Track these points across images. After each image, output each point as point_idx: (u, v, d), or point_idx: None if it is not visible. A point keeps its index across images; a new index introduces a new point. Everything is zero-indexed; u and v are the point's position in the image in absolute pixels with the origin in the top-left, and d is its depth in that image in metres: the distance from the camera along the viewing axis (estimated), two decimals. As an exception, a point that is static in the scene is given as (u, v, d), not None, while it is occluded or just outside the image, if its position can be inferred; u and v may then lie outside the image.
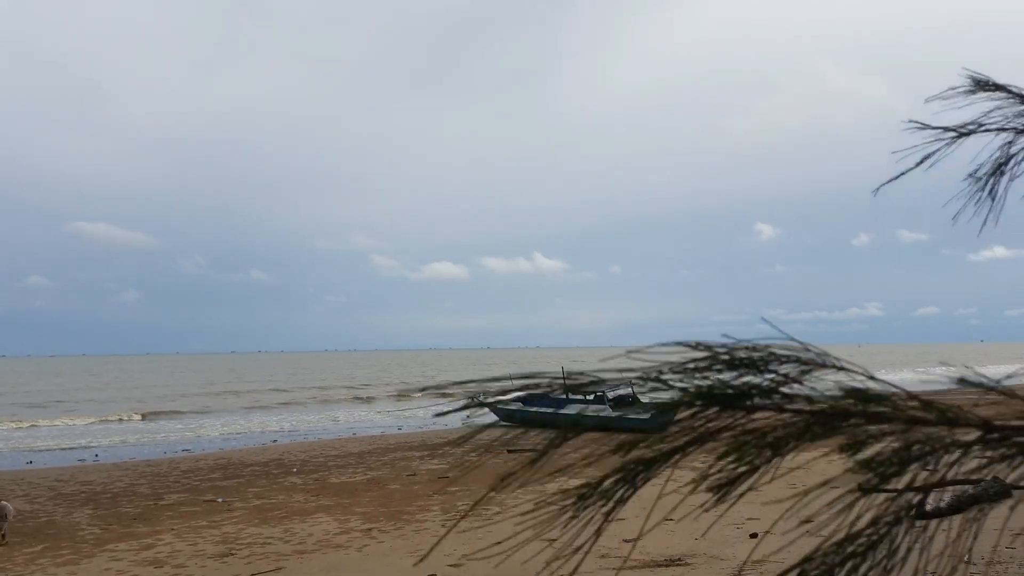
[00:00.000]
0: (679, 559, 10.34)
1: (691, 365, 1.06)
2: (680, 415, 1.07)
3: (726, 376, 1.08)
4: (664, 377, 1.06)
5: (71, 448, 29.04)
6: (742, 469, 1.04)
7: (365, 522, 13.39)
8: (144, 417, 41.33)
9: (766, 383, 1.06)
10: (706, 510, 1.08)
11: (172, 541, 12.43)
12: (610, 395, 29.88)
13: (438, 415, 1.15)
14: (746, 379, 1.07)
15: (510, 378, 1.17)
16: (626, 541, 11.08)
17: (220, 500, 16.16)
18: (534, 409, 30.95)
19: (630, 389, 31.72)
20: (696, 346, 1.06)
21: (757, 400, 1.06)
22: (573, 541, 1.05)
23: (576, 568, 1.06)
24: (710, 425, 1.05)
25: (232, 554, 11.47)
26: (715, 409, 1.04)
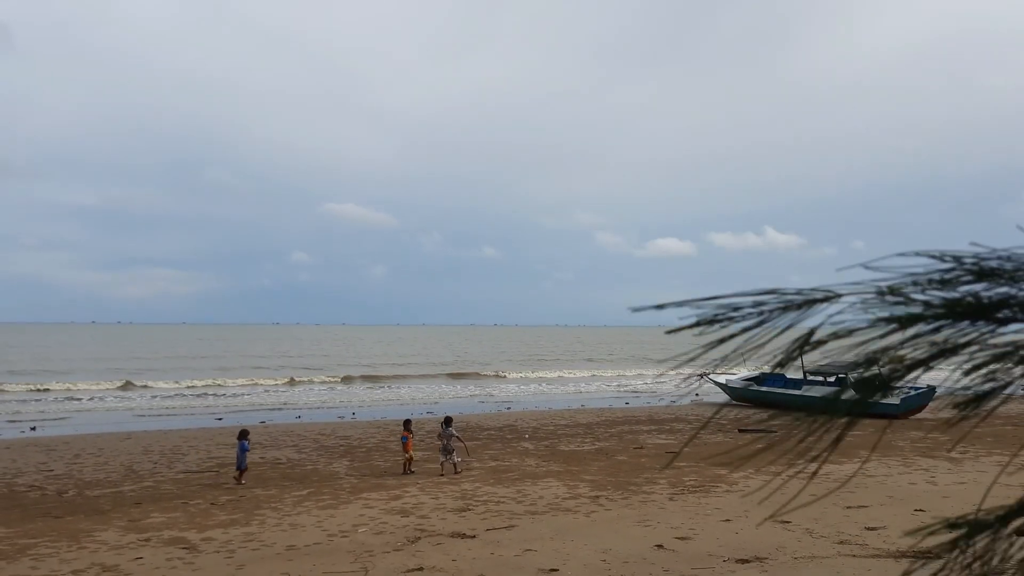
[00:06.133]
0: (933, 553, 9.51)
1: (935, 276, 0.99)
2: (923, 330, 1.01)
3: (975, 288, 1.00)
4: (905, 290, 1.00)
5: (333, 407, 32.46)
6: (988, 386, 0.95)
7: (593, 489, 13.68)
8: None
9: (1022, 294, 0.97)
10: (952, 424, 1.01)
11: (417, 494, 13.51)
12: (853, 377, 27.84)
13: (670, 332, 1.14)
14: (998, 290, 0.98)
15: (747, 294, 1.13)
16: (868, 529, 10.38)
17: (460, 460, 17.25)
18: (767, 389, 29.62)
19: (878, 371, 29.34)
20: (941, 257, 0.99)
21: (1009, 312, 0.97)
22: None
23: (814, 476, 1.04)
24: (955, 339, 0.98)
25: (469, 509, 12.24)
26: (965, 323, 0.97)
